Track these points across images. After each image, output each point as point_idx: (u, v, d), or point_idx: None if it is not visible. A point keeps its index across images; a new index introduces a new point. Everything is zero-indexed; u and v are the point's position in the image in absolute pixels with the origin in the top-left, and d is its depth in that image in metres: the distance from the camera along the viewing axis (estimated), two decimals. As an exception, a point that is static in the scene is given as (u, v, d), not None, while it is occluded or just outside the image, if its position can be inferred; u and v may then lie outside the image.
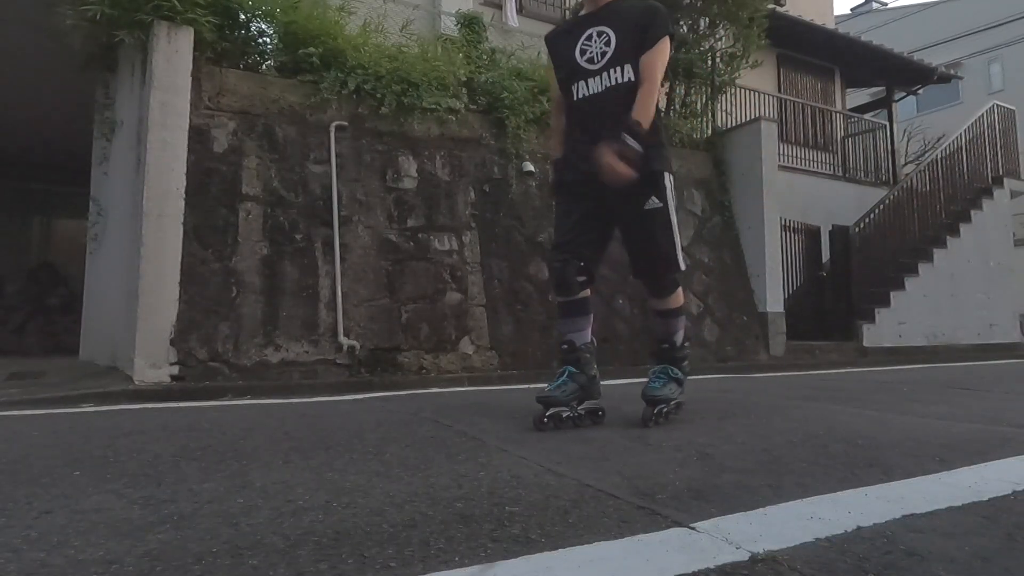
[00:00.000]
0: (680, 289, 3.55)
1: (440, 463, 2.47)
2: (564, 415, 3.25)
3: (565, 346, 3.41)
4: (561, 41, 3.50)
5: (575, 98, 3.36)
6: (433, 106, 6.64)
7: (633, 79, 3.20)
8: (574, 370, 3.33)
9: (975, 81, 24.19)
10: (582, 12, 3.54)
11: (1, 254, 11.95)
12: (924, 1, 27.90)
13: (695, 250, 8.30)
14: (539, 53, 8.08)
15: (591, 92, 3.30)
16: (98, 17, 5.43)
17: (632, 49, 3.22)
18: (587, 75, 3.29)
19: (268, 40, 6.48)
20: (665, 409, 3.36)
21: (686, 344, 3.58)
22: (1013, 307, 11.87)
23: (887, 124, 14.26)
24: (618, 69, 3.23)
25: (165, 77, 5.40)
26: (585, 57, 3.30)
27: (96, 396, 4.51)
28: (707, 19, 9.30)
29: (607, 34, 3.26)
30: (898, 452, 2.71)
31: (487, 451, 2.69)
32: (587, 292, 3.44)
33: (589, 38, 3.31)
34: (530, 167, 7.22)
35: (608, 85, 3.25)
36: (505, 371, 6.32)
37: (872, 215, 10.97)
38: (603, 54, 3.26)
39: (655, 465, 2.44)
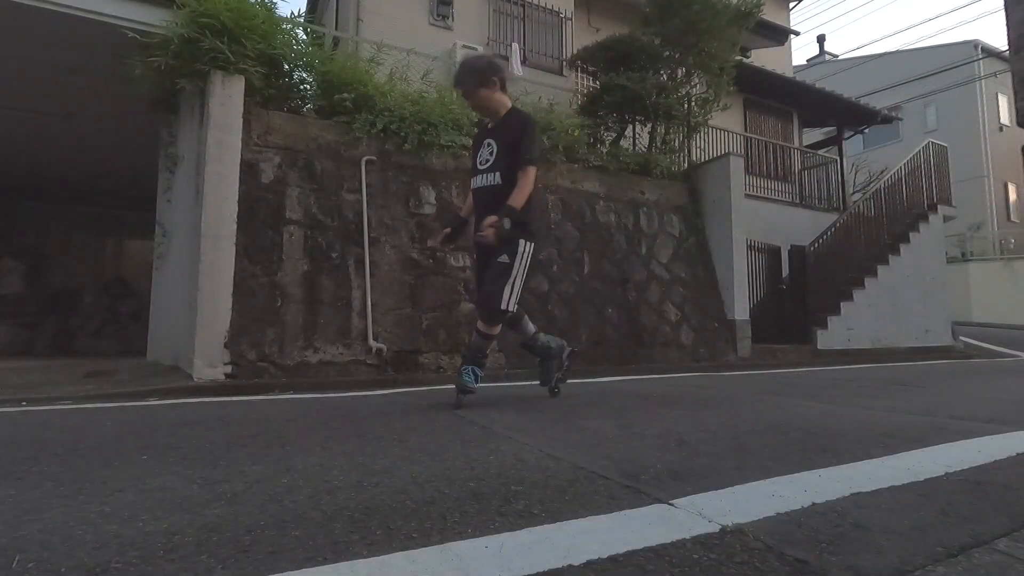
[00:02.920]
0: (497, 325, 3.94)
1: (455, 449, 2.48)
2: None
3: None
4: (475, 142, 4.14)
5: (472, 186, 4.04)
6: (449, 143, 6.67)
7: (500, 183, 3.80)
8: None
9: (913, 122, 24.20)
10: (488, 124, 4.11)
11: (80, 270, 12.00)
12: (870, 53, 27.96)
13: (674, 266, 8.30)
14: (540, 98, 8.12)
15: (478, 185, 3.95)
16: (162, 67, 5.48)
17: (504, 162, 3.83)
18: (479, 172, 3.94)
19: (308, 87, 6.52)
20: (465, 393, 3.81)
21: (486, 355, 4.00)
22: (945, 315, 11.85)
23: (837, 159, 14.26)
24: (491, 175, 3.87)
25: (220, 118, 5.44)
26: (480, 158, 3.95)
27: (161, 391, 4.52)
28: (684, 69, 9.33)
29: (492, 146, 3.91)
30: (847, 439, 2.70)
31: (495, 438, 2.69)
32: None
33: (488, 146, 3.94)
34: (531, 195, 7.22)
35: (484, 184, 3.89)
36: (511, 370, 6.31)
37: (825, 237, 10.96)
38: (487, 161, 3.91)
39: (639, 450, 2.44)
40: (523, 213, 3.74)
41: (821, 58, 30.03)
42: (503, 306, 3.80)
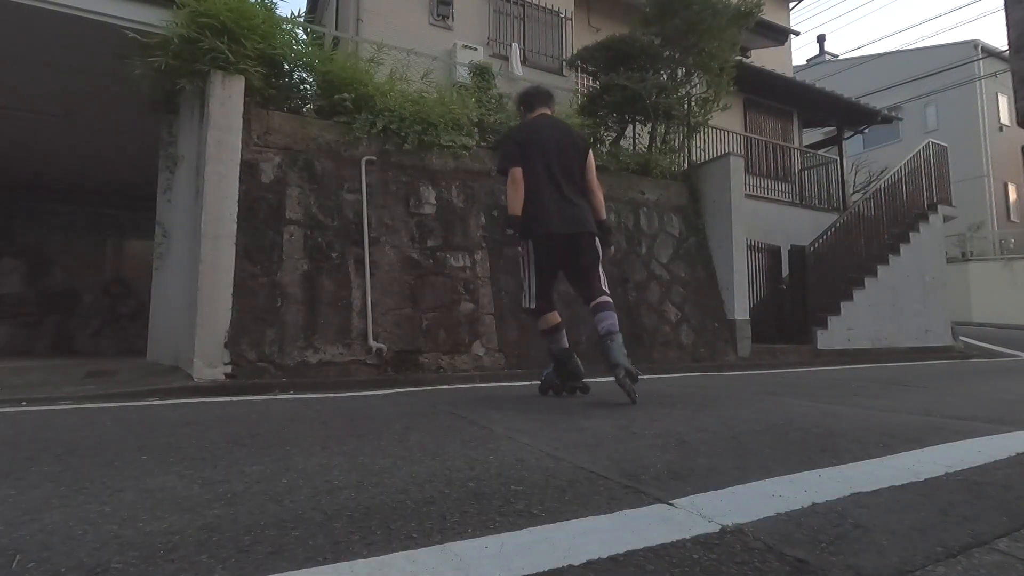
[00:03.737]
0: (538, 320, 4.30)
1: (455, 448, 2.48)
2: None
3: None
4: None
5: None
6: (449, 143, 6.67)
7: None
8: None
9: (913, 122, 24.20)
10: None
11: (80, 270, 11.98)
12: (870, 53, 27.96)
13: (674, 266, 8.30)
14: (540, 98, 8.11)
15: None
16: (163, 67, 5.48)
17: None
18: None
19: (308, 87, 6.52)
20: (546, 387, 4.37)
21: (552, 352, 4.35)
22: (945, 315, 11.84)
23: (838, 159, 14.25)
24: None
25: (220, 118, 5.44)
26: None
27: (161, 391, 4.53)
28: (683, 69, 9.33)
29: None
30: (847, 439, 2.70)
31: (495, 438, 2.69)
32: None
33: None
34: (532, 195, 7.22)
35: None
36: (511, 370, 6.31)
37: (825, 236, 10.96)
38: None
39: (639, 450, 2.44)
40: (510, 217, 4.02)
41: (821, 58, 30.02)
42: (523, 304, 4.23)
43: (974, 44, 24.16)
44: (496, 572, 1.27)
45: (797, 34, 16.64)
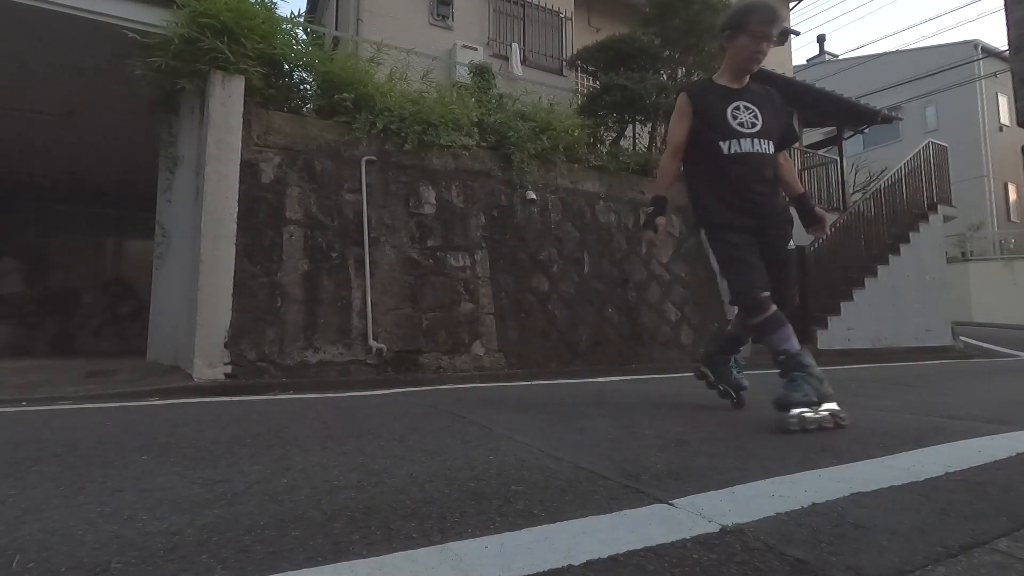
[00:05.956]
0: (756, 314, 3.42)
1: (455, 448, 2.47)
2: (808, 415, 2.92)
3: (782, 356, 3.21)
4: (710, 101, 3.53)
5: (725, 152, 3.37)
6: (449, 143, 6.66)
7: (772, 153, 3.45)
8: (799, 373, 3.08)
9: (913, 122, 24.20)
10: (722, 83, 3.61)
11: (80, 270, 11.99)
12: (869, 53, 27.96)
13: (674, 266, 8.30)
14: (540, 98, 8.12)
15: (748, 150, 3.35)
16: (163, 67, 5.49)
17: (776, 131, 3.50)
18: (742, 136, 3.36)
19: (308, 87, 6.52)
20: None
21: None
22: (945, 315, 11.85)
23: (838, 159, 14.25)
24: (765, 142, 3.39)
25: (220, 118, 5.44)
26: (736, 121, 3.41)
27: (161, 391, 4.52)
28: (684, 69, 9.35)
29: (753, 109, 3.47)
30: (847, 439, 2.70)
31: (495, 438, 2.69)
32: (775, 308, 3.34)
33: (738, 108, 3.46)
34: (532, 195, 7.22)
35: (758, 151, 3.37)
36: (511, 370, 6.31)
37: (825, 236, 10.96)
38: (752, 124, 3.41)
39: (639, 450, 2.44)
40: None
41: (821, 58, 30.01)
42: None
43: (974, 44, 24.16)
44: (496, 572, 1.27)
45: (797, 34, 16.64)
